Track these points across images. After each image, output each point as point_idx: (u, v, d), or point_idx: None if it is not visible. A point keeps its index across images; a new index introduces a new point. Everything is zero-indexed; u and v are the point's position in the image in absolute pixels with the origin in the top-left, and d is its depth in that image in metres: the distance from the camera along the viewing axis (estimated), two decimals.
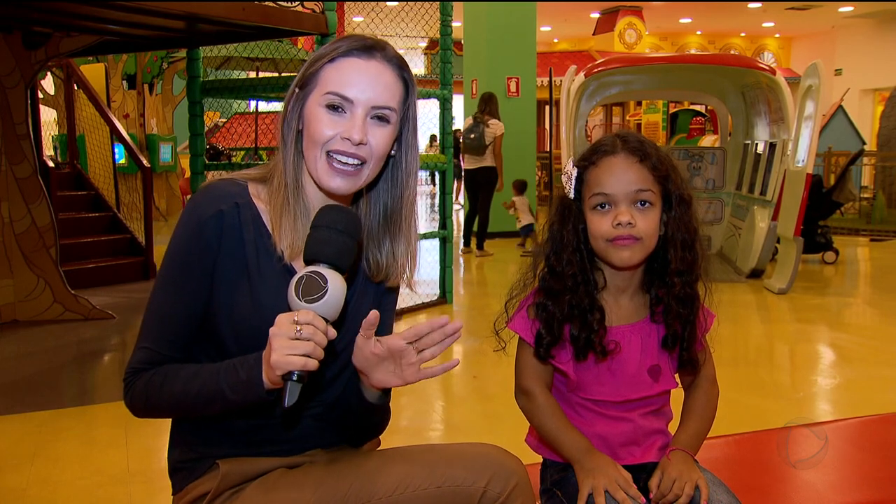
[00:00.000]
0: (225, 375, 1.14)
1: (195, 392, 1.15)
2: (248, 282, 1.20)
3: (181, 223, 1.21)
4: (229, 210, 1.20)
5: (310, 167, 1.23)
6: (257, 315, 1.18)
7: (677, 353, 1.38)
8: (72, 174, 6.99)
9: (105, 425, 3.19)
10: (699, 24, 18.53)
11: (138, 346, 1.21)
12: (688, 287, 1.36)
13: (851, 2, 15.42)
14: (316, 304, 1.08)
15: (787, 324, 5.26)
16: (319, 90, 1.21)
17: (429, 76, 15.73)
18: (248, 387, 1.12)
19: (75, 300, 5.02)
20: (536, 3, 9.48)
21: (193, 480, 1.24)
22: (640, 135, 1.38)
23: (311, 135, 1.21)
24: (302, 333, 1.05)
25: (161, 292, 1.21)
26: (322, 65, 1.22)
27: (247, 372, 1.12)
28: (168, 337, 1.20)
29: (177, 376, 1.17)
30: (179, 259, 1.20)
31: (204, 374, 1.16)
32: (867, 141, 12.98)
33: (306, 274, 1.09)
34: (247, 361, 1.13)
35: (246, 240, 1.21)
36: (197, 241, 1.19)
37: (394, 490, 1.15)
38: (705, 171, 7.62)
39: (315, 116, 1.21)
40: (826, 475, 1.74)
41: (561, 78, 7.57)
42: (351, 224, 1.16)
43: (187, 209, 1.22)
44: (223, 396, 1.14)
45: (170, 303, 1.20)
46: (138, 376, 1.20)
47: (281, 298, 1.12)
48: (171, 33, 4.87)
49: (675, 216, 1.34)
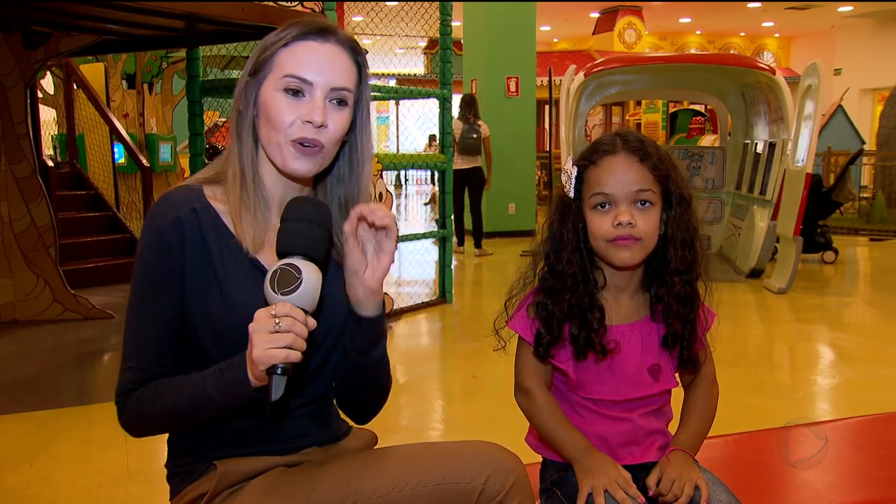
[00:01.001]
0: (212, 381, 1.14)
1: (186, 401, 1.16)
2: (217, 283, 1.19)
3: (142, 239, 1.21)
4: (187, 216, 1.19)
5: (271, 154, 1.23)
6: (233, 314, 1.18)
7: (677, 351, 1.38)
8: (71, 174, 6.99)
9: (104, 425, 3.19)
10: (699, 23, 18.52)
11: (124, 367, 1.20)
12: (688, 286, 1.35)
13: (851, 1, 15.42)
14: (292, 295, 1.09)
15: (787, 323, 5.26)
16: (275, 74, 1.20)
17: (428, 76, 15.73)
18: (235, 387, 1.12)
19: (75, 300, 5.02)
20: (536, 2, 9.47)
21: (191, 483, 1.23)
22: (640, 133, 1.37)
23: (271, 120, 1.20)
24: (281, 326, 1.06)
25: (136, 310, 1.21)
26: (276, 49, 1.21)
27: (232, 374, 1.12)
28: (151, 352, 1.19)
29: (166, 390, 1.18)
30: (146, 273, 1.20)
31: (192, 383, 1.16)
32: (867, 140, 12.98)
33: (280, 267, 1.10)
34: (231, 364, 1.13)
35: (209, 242, 1.20)
36: (160, 251, 1.18)
37: (392, 488, 1.15)
38: (705, 170, 7.62)
39: (272, 101, 1.20)
40: (826, 475, 1.74)
41: (560, 77, 7.57)
42: (320, 214, 1.17)
43: (146, 224, 1.21)
44: (213, 401, 1.14)
45: (146, 318, 1.20)
46: (129, 397, 1.20)
47: (254, 295, 1.14)
48: (171, 33, 4.87)
49: (674, 215, 1.34)
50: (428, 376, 4.17)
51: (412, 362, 4.40)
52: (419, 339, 4.95)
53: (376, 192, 4.79)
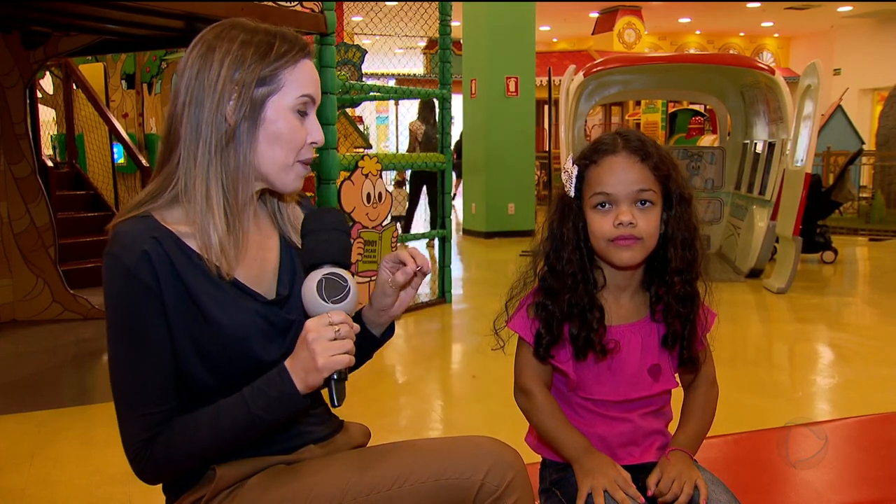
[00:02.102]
0: (253, 401, 1.13)
1: (227, 430, 1.14)
2: (199, 310, 1.16)
3: (110, 282, 1.13)
4: (152, 247, 1.13)
5: (270, 172, 1.20)
6: (222, 336, 1.16)
7: (678, 351, 1.38)
8: (71, 174, 6.98)
9: (104, 425, 3.18)
10: (698, 23, 18.52)
11: (134, 417, 1.14)
12: (688, 285, 1.35)
13: (850, 1, 15.42)
14: (343, 303, 1.15)
15: (786, 323, 5.26)
16: (288, 93, 1.19)
17: (428, 76, 15.71)
18: (284, 401, 1.13)
19: (74, 300, 5.01)
20: (536, 2, 9.47)
21: (190, 488, 1.22)
22: (640, 133, 1.37)
23: (283, 139, 1.19)
24: (340, 333, 1.11)
25: (125, 358, 1.14)
26: (284, 65, 1.19)
27: (275, 389, 1.13)
28: (158, 393, 1.15)
29: (196, 426, 1.15)
30: (129, 317, 1.13)
31: (226, 412, 1.14)
32: (866, 140, 12.97)
33: (325, 277, 1.15)
34: (269, 380, 1.13)
35: (179, 270, 1.15)
36: (135, 291, 1.12)
37: (392, 484, 1.15)
38: (704, 170, 7.62)
39: (287, 120, 1.19)
40: (826, 475, 1.74)
41: (560, 77, 7.57)
42: (343, 222, 1.22)
43: (109, 265, 1.13)
44: (261, 421, 1.13)
45: (141, 360, 1.14)
46: (152, 445, 1.15)
47: (235, 313, 1.17)
48: (170, 33, 4.86)
49: (675, 215, 1.34)
50: (428, 376, 4.17)
51: (412, 362, 4.40)
52: (419, 339, 4.95)
53: (376, 191, 4.79)
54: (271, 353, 1.20)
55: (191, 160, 1.16)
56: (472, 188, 9.61)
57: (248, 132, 1.18)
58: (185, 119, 1.17)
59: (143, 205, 1.18)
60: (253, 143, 1.18)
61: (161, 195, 1.18)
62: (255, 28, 1.21)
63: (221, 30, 1.21)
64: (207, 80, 1.16)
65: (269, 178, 1.22)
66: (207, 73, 1.17)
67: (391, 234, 4.95)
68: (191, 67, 1.18)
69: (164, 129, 1.21)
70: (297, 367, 1.12)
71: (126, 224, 1.16)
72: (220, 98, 1.16)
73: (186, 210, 1.18)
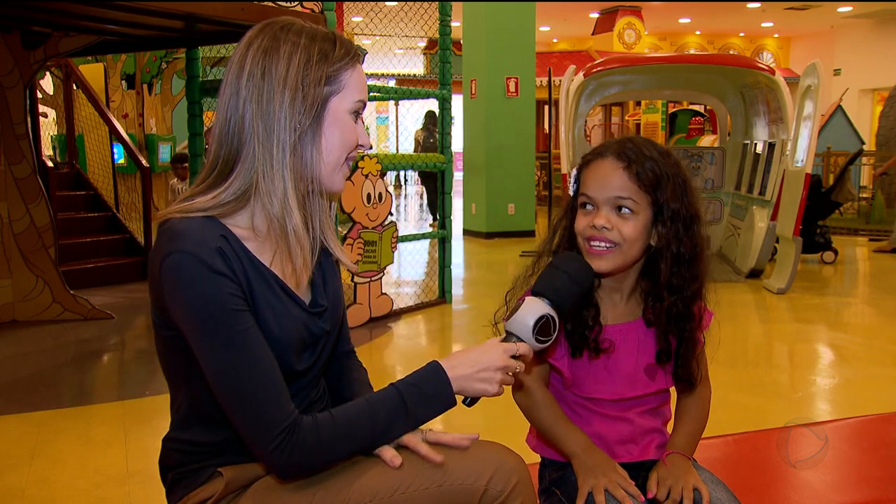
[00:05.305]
0: (410, 398, 1.17)
1: (383, 421, 1.16)
2: (255, 311, 1.14)
3: (191, 282, 1.07)
4: (223, 244, 1.11)
5: (325, 172, 1.19)
6: (267, 340, 1.14)
7: (671, 367, 1.37)
8: (71, 174, 6.98)
9: (104, 425, 3.18)
10: (698, 23, 18.52)
11: (268, 412, 1.09)
12: (680, 304, 1.33)
13: (850, 2, 15.42)
14: (541, 345, 1.21)
15: (786, 324, 5.26)
16: (347, 95, 1.19)
17: (428, 76, 15.72)
18: (439, 399, 1.18)
19: (74, 300, 5.01)
20: (536, 2, 9.47)
21: (194, 490, 1.21)
22: (644, 140, 1.33)
23: (343, 140, 1.19)
24: (517, 371, 1.21)
25: (238, 357, 1.09)
26: (344, 67, 1.18)
27: (433, 387, 1.18)
28: (279, 380, 1.12)
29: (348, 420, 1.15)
30: (223, 314, 1.08)
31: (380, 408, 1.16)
32: (866, 141, 12.98)
33: (549, 316, 1.20)
34: (424, 377, 1.19)
35: (247, 269, 1.14)
36: (223, 285, 1.08)
37: (395, 489, 1.14)
38: (704, 170, 7.62)
39: (346, 121, 1.19)
40: (825, 475, 1.74)
41: (560, 78, 7.57)
42: (589, 281, 1.30)
43: (184, 265, 1.07)
44: (415, 418, 1.18)
45: (254, 353, 1.10)
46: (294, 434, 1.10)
47: (285, 321, 1.16)
48: (170, 33, 4.87)
49: (670, 230, 1.30)
50: None
51: (412, 362, 4.39)
52: (419, 339, 4.95)
53: (376, 192, 4.79)
54: (303, 362, 1.21)
55: (267, 159, 1.13)
56: (473, 188, 9.61)
57: (312, 131, 1.16)
58: (252, 117, 1.13)
59: (212, 209, 1.14)
60: (317, 141, 1.17)
61: (228, 197, 1.15)
62: (312, 28, 1.19)
63: (279, 28, 1.18)
64: (276, 77, 1.14)
65: (321, 177, 1.19)
66: (275, 70, 1.14)
67: (391, 235, 4.95)
68: (252, 65, 1.14)
69: (219, 128, 1.16)
70: (458, 375, 1.18)
71: (189, 222, 1.11)
72: (293, 96, 1.14)
73: (254, 212, 1.17)
